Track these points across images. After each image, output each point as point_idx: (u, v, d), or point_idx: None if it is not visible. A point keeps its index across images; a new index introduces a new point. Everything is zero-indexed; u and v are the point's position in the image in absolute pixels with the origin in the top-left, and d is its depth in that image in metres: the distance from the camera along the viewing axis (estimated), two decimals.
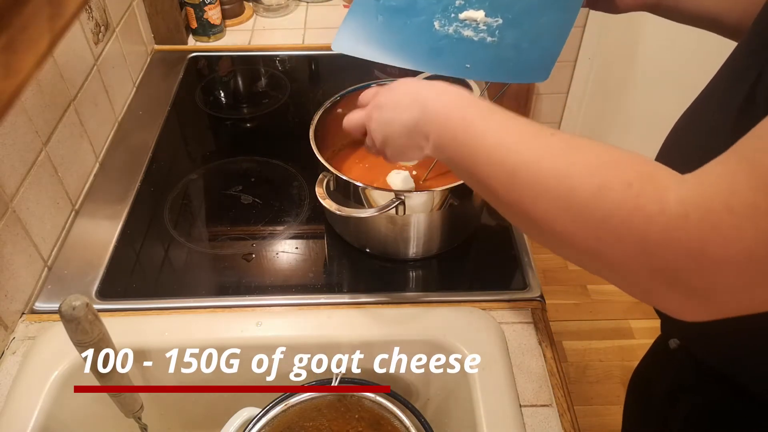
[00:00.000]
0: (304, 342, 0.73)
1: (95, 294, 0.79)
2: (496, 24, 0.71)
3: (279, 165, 0.99)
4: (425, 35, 0.72)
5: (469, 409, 0.67)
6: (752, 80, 0.49)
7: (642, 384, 0.83)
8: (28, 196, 0.77)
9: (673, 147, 0.62)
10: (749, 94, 0.50)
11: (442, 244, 0.83)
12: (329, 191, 0.76)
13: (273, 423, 0.65)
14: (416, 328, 0.74)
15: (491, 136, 0.47)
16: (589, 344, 1.80)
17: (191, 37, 1.28)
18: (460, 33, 0.71)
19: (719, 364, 0.61)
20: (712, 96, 0.59)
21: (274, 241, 0.87)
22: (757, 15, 0.54)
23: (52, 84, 0.84)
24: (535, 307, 0.77)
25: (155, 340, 0.73)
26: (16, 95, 0.23)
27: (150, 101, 1.12)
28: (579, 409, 0.69)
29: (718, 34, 0.70)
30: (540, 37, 0.69)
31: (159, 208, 0.91)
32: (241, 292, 0.79)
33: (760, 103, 0.47)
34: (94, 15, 0.98)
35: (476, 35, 0.71)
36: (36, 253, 0.79)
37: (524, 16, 0.72)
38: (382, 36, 0.73)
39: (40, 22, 0.24)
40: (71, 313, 0.56)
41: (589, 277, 1.96)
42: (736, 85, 0.52)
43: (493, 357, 0.70)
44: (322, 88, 1.20)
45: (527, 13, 0.72)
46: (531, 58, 0.68)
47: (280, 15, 1.35)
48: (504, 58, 0.69)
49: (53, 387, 0.68)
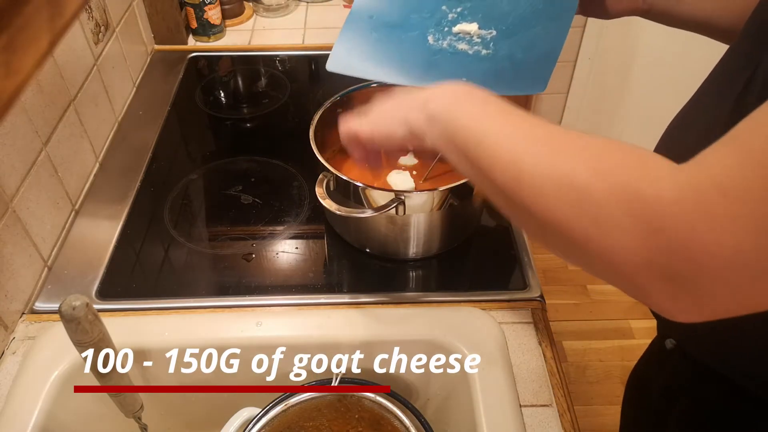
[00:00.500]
0: (304, 342, 0.73)
1: (95, 294, 0.79)
2: (490, 36, 0.71)
3: (279, 165, 0.99)
4: (420, 50, 0.72)
5: (469, 409, 0.67)
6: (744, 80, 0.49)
7: (639, 384, 0.83)
8: (28, 196, 0.77)
9: (667, 146, 0.62)
10: (741, 93, 0.50)
11: (442, 244, 0.83)
12: (329, 191, 0.76)
13: (273, 423, 0.65)
14: (416, 328, 0.74)
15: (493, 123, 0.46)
16: (589, 344, 1.80)
17: (191, 37, 1.28)
18: (455, 47, 0.71)
19: (715, 363, 0.61)
20: (705, 96, 0.59)
21: (274, 241, 0.87)
22: (749, 17, 0.54)
23: (52, 84, 0.84)
24: (535, 307, 0.77)
25: (155, 340, 0.73)
26: (16, 95, 0.23)
27: (150, 101, 1.12)
28: (579, 409, 0.69)
29: (711, 37, 0.70)
30: (535, 47, 0.69)
31: (159, 208, 0.91)
32: (241, 292, 0.79)
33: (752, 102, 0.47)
34: (94, 15, 0.98)
35: (471, 48, 0.71)
36: (36, 253, 0.79)
37: (518, 27, 0.71)
38: (377, 53, 0.72)
39: (40, 22, 0.24)
40: (71, 313, 0.56)
41: (589, 277, 1.96)
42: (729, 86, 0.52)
43: (493, 357, 0.70)
44: (322, 88, 1.20)
45: (521, 24, 0.71)
46: (527, 69, 0.68)
47: (280, 15, 1.35)
48: (500, 71, 0.69)
49: (53, 387, 0.68)
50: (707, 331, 0.59)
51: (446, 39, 0.72)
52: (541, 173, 0.41)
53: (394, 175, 0.83)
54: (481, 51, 0.70)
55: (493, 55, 0.70)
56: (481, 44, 0.71)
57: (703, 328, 0.47)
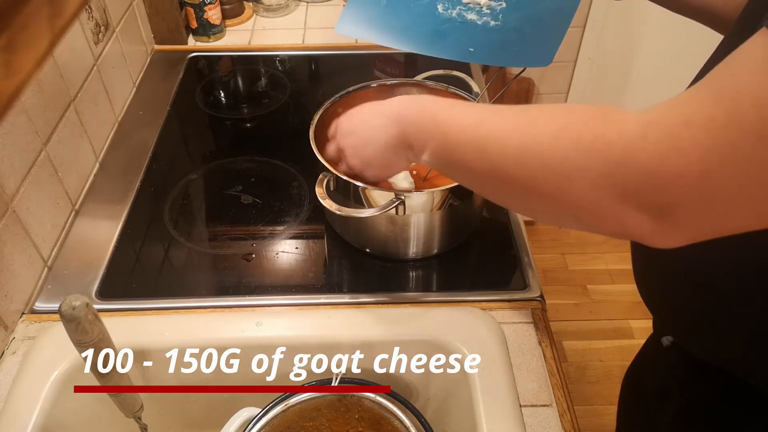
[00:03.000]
0: (304, 342, 0.73)
1: (95, 294, 0.79)
2: (500, 7, 0.71)
3: (279, 165, 0.99)
4: (429, 18, 0.72)
5: (469, 409, 0.67)
6: None
7: (634, 382, 0.83)
8: (28, 196, 0.77)
9: None
10: None
11: (442, 244, 0.83)
12: (329, 191, 0.76)
13: (273, 423, 0.65)
14: (416, 328, 0.74)
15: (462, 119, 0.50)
16: (589, 344, 1.80)
17: (191, 37, 1.28)
18: (464, 16, 0.71)
19: (714, 359, 0.61)
20: None
21: (274, 241, 0.87)
22: (745, 5, 0.54)
23: (52, 84, 0.84)
24: (535, 307, 0.77)
25: (155, 340, 0.73)
26: (16, 95, 0.23)
27: (150, 101, 1.12)
28: (579, 409, 0.69)
29: (709, 26, 0.69)
30: (543, 20, 0.70)
31: (159, 208, 0.91)
32: (241, 292, 0.79)
33: None
34: (94, 15, 0.98)
35: (480, 19, 0.71)
36: (36, 253, 0.79)
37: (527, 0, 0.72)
38: (386, 19, 0.73)
39: (40, 22, 0.24)
40: (71, 313, 0.56)
41: (589, 277, 1.96)
42: None
43: (493, 357, 0.70)
44: (322, 88, 1.20)
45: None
46: (534, 42, 0.69)
47: (280, 15, 1.35)
48: (507, 42, 0.69)
49: (53, 387, 0.68)
50: (707, 327, 0.59)
51: (456, 8, 0.72)
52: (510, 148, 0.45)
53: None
54: (490, 22, 0.71)
55: (502, 27, 0.70)
56: (490, 15, 0.71)
57: (703, 323, 0.47)
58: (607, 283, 1.93)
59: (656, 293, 0.65)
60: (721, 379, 0.61)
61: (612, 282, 1.93)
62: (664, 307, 0.66)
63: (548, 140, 0.42)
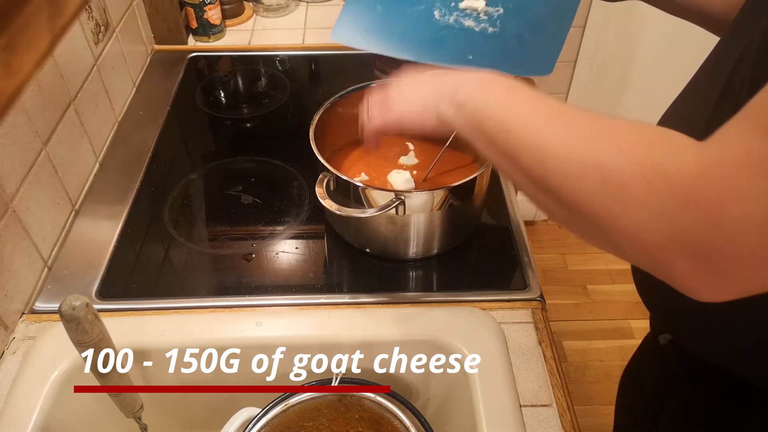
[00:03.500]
0: (304, 342, 0.73)
1: (95, 294, 0.79)
2: (497, 13, 0.70)
3: (279, 165, 0.99)
4: (425, 25, 0.71)
5: (469, 409, 0.67)
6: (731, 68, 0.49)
7: (632, 380, 0.83)
8: (28, 196, 0.77)
9: None
10: (728, 80, 0.50)
11: (442, 244, 0.83)
12: (329, 191, 0.76)
13: (273, 423, 0.65)
14: (416, 328, 0.74)
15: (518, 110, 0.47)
16: (589, 344, 1.80)
17: (191, 37, 1.28)
18: (461, 23, 0.70)
19: (712, 357, 0.61)
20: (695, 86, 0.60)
21: (274, 241, 0.87)
22: (743, 5, 0.54)
23: (52, 84, 0.84)
24: (535, 307, 0.77)
25: (155, 340, 0.73)
26: (16, 95, 0.23)
27: (150, 101, 1.12)
28: (579, 409, 0.69)
29: (705, 27, 0.69)
30: (542, 27, 0.69)
31: (159, 208, 0.91)
32: (241, 292, 0.79)
33: (738, 88, 0.47)
34: (94, 15, 0.98)
35: (477, 25, 0.70)
36: (36, 253, 0.79)
37: (525, 6, 0.71)
38: (382, 26, 0.72)
39: (40, 22, 0.24)
40: (71, 313, 0.56)
41: (589, 277, 1.96)
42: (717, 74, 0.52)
43: (493, 357, 0.70)
44: (322, 88, 1.20)
45: (528, 2, 0.71)
46: (534, 50, 0.67)
47: (280, 15, 1.35)
48: (507, 50, 0.68)
49: (53, 387, 0.68)
50: (704, 324, 0.59)
51: (453, 15, 0.71)
52: (567, 156, 0.41)
53: (394, 175, 0.83)
54: (488, 29, 0.69)
55: (500, 34, 0.69)
56: (488, 21, 0.70)
57: (700, 320, 0.46)
58: (607, 283, 1.93)
59: (655, 293, 0.65)
60: (718, 377, 0.61)
61: (612, 282, 1.93)
62: (663, 307, 0.66)
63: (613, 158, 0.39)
